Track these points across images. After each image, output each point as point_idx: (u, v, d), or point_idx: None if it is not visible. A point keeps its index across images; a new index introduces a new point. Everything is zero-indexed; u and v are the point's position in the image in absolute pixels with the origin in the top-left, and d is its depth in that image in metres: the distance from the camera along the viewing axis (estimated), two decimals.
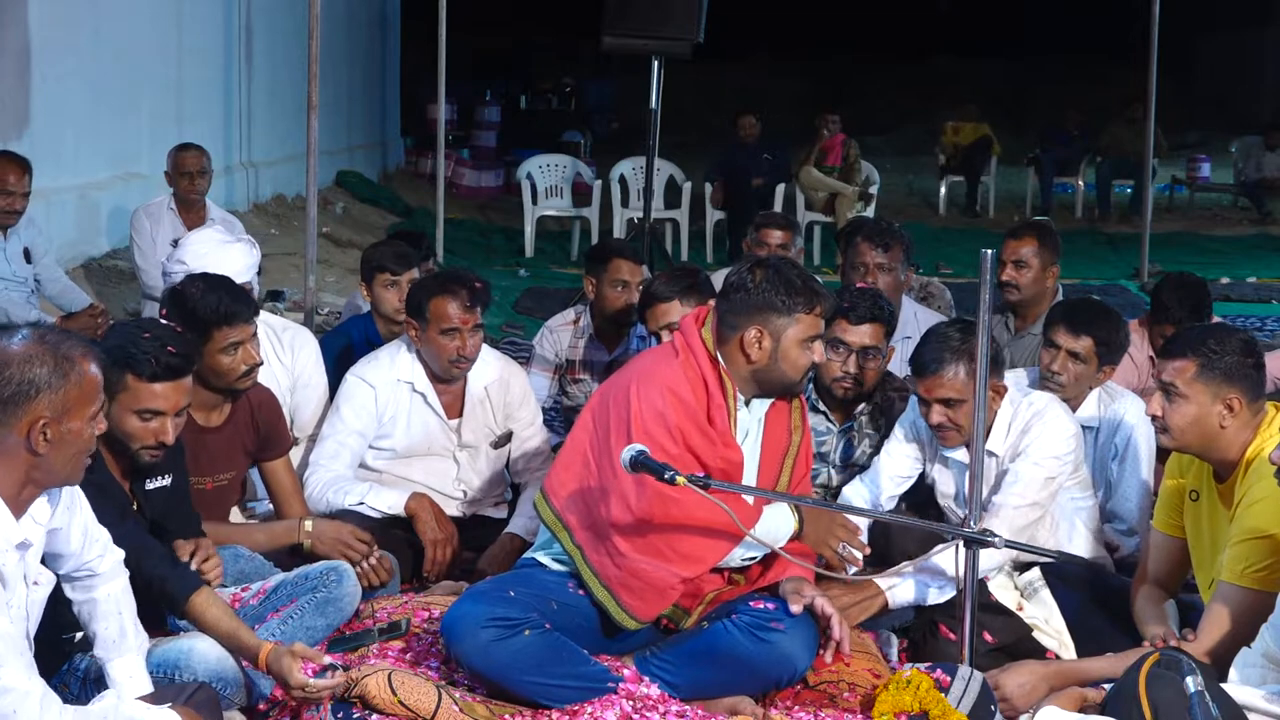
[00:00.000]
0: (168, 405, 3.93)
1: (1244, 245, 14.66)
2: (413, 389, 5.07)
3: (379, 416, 5.06)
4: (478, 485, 5.21)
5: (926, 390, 4.49)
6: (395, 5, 18.38)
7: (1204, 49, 25.58)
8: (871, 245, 5.96)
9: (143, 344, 3.91)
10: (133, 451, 3.96)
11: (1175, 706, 3.32)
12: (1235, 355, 3.86)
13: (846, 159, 13.52)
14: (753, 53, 25.89)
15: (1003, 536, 3.94)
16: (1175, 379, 3.88)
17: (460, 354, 4.97)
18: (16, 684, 3.00)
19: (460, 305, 4.93)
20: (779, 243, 6.85)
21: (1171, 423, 3.90)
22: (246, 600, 4.26)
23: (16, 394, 3.03)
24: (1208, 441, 3.89)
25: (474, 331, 4.99)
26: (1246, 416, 3.85)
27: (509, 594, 3.93)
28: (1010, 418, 4.56)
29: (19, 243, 7.40)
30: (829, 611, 3.93)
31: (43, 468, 3.11)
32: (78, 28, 9.42)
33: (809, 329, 3.98)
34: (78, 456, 3.15)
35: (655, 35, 9.60)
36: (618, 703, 3.80)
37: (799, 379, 4.04)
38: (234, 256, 5.12)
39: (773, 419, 4.12)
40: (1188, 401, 3.86)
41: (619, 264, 6.11)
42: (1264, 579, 3.73)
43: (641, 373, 4.03)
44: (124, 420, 3.90)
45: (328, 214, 13.01)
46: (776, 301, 3.95)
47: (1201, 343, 3.88)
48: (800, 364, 4.00)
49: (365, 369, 5.12)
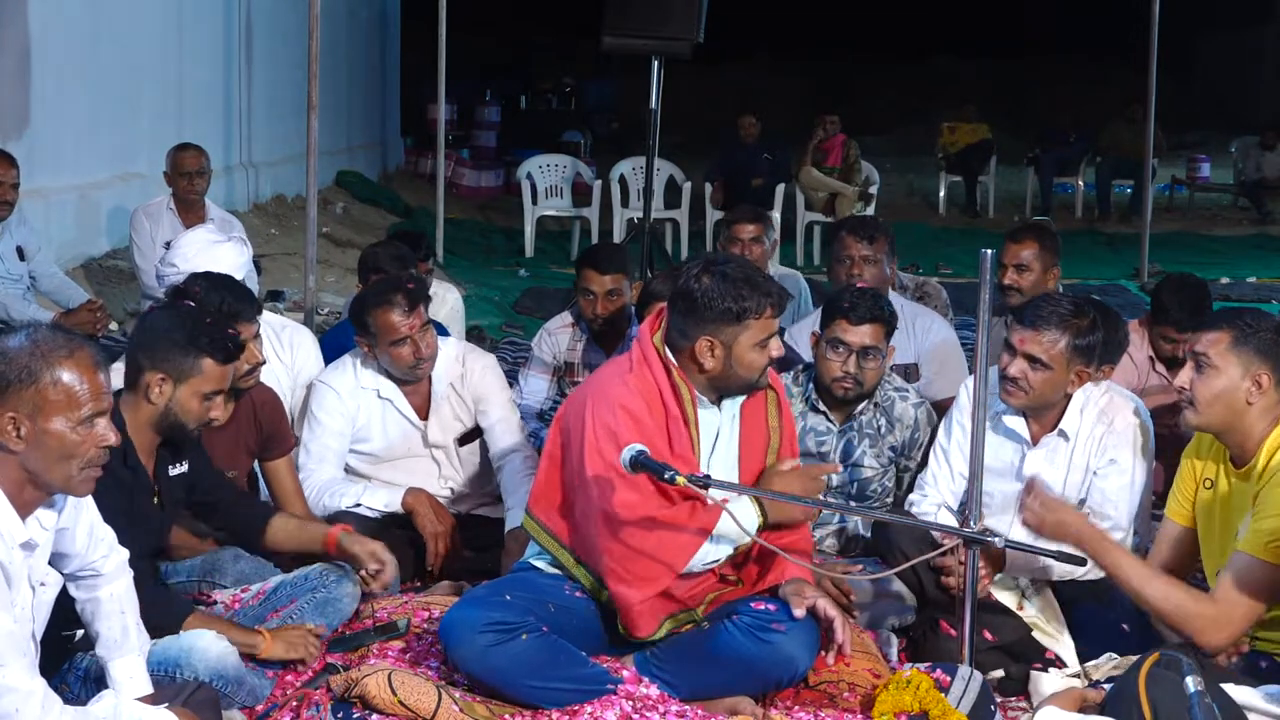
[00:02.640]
0: (226, 383, 4.09)
1: (1244, 245, 14.66)
2: (379, 395, 5.07)
3: (352, 419, 5.06)
4: (462, 482, 5.22)
5: (1020, 341, 4.46)
6: (395, 5, 18.38)
7: (1204, 49, 25.60)
8: (856, 238, 5.99)
9: (211, 330, 4.04)
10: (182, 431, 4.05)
11: (1175, 706, 3.32)
12: (1270, 333, 3.89)
13: (846, 159, 13.52)
14: (753, 53, 25.90)
15: (1006, 538, 3.95)
16: (1209, 349, 3.89)
17: (417, 357, 4.96)
18: (19, 684, 3.00)
19: (401, 312, 4.90)
20: (751, 236, 6.83)
21: (1199, 394, 3.90)
22: (246, 601, 4.27)
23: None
24: (1232, 418, 3.89)
25: (423, 331, 4.96)
26: (1274, 397, 3.86)
27: (505, 598, 3.92)
28: (1084, 400, 4.55)
29: (12, 241, 7.40)
30: (831, 614, 3.92)
31: (29, 468, 3.08)
32: (78, 28, 9.42)
33: (761, 332, 3.93)
34: (66, 461, 3.10)
35: (655, 35, 9.60)
36: (617, 703, 3.79)
37: (758, 377, 3.99)
38: (224, 256, 5.13)
39: (749, 416, 4.10)
40: (1218, 374, 3.86)
41: (587, 273, 6.08)
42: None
43: (597, 389, 4.01)
44: (188, 402, 3.99)
45: (328, 214, 13.01)
46: (724, 310, 3.88)
47: (1237, 316, 3.92)
48: (757, 365, 3.96)
49: (330, 376, 5.12)
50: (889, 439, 5.03)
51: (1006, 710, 4.02)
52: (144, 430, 3.99)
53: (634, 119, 15.41)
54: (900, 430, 5.03)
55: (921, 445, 5.03)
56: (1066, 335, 4.43)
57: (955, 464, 4.69)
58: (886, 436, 5.03)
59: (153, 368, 3.97)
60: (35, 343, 3.08)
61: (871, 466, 5.01)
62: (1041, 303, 4.55)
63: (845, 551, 5.00)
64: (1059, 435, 4.54)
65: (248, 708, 3.77)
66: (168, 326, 4.03)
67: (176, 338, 3.97)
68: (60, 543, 3.33)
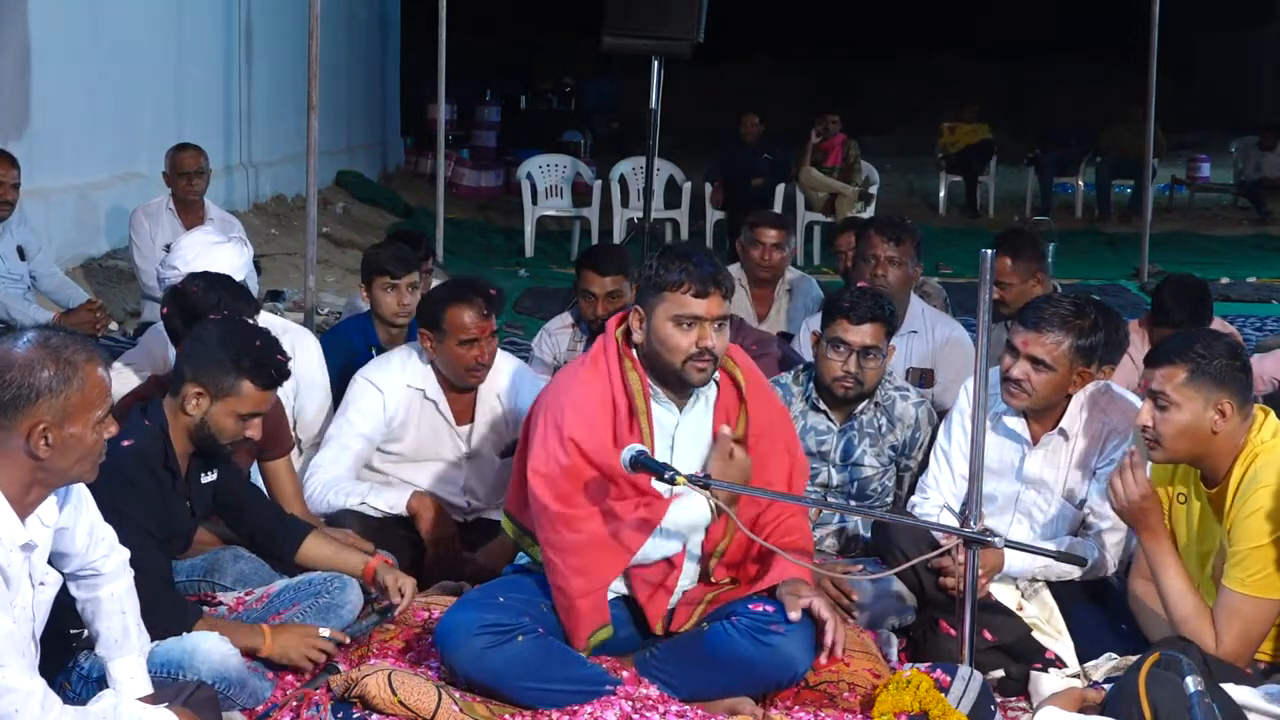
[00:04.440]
0: (265, 407, 4.06)
1: (1244, 245, 14.67)
2: (424, 396, 5.06)
3: (388, 420, 5.05)
4: (483, 492, 5.18)
5: (1023, 343, 4.45)
6: (395, 5, 18.39)
7: (1204, 49, 25.61)
8: (884, 238, 5.97)
9: (257, 353, 4.00)
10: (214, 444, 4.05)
11: (1175, 706, 3.32)
12: (1224, 359, 3.83)
13: (846, 159, 13.53)
14: (753, 53, 25.91)
15: (1006, 538, 3.95)
16: (1165, 386, 3.84)
17: (478, 362, 4.96)
18: (19, 684, 3.00)
19: (477, 314, 4.91)
20: (773, 241, 6.86)
21: (1163, 432, 3.85)
22: (250, 604, 4.27)
23: (17, 398, 3.02)
24: (1200, 449, 3.86)
25: (490, 339, 4.98)
26: (1237, 421, 3.83)
27: (499, 600, 3.92)
28: (1084, 398, 4.55)
29: (12, 240, 7.40)
30: (824, 616, 3.91)
31: (47, 470, 3.11)
32: (78, 28, 9.43)
33: (674, 306, 3.91)
34: (85, 459, 3.15)
35: (655, 35, 9.59)
36: (617, 703, 3.79)
37: (678, 364, 3.93)
38: (224, 257, 5.13)
39: (720, 417, 4.08)
40: (1180, 409, 3.82)
41: (587, 274, 6.06)
42: (1265, 585, 3.74)
43: (555, 385, 4.08)
44: (222, 420, 3.99)
45: (328, 214, 13.02)
46: (647, 279, 3.96)
47: (1188, 348, 3.85)
48: (670, 343, 3.92)
49: (375, 372, 5.11)
50: (889, 438, 5.03)
51: (1006, 710, 4.02)
52: (180, 437, 4.01)
53: (634, 119, 15.41)
54: (901, 430, 5.03)
55: (922, 445, 5.03)
56: (1069, 336, 4.42)
57: (956, 465, 4.69)
58: (887, 436, 5.02)
59: (193, 379, 3.98)
60: (51, 350, 3.07)
61: (872, 466, 5.01)
62: (1043, 304, 4.55)
63: (845, 551, 5.00)
64: (1059, 434, 4.54)
65: (248, 709, 3.77)
66: (217, 341, 4.02)
67: (221, 355, 3.96)
68: (60, 542, 3.33)
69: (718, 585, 4.09)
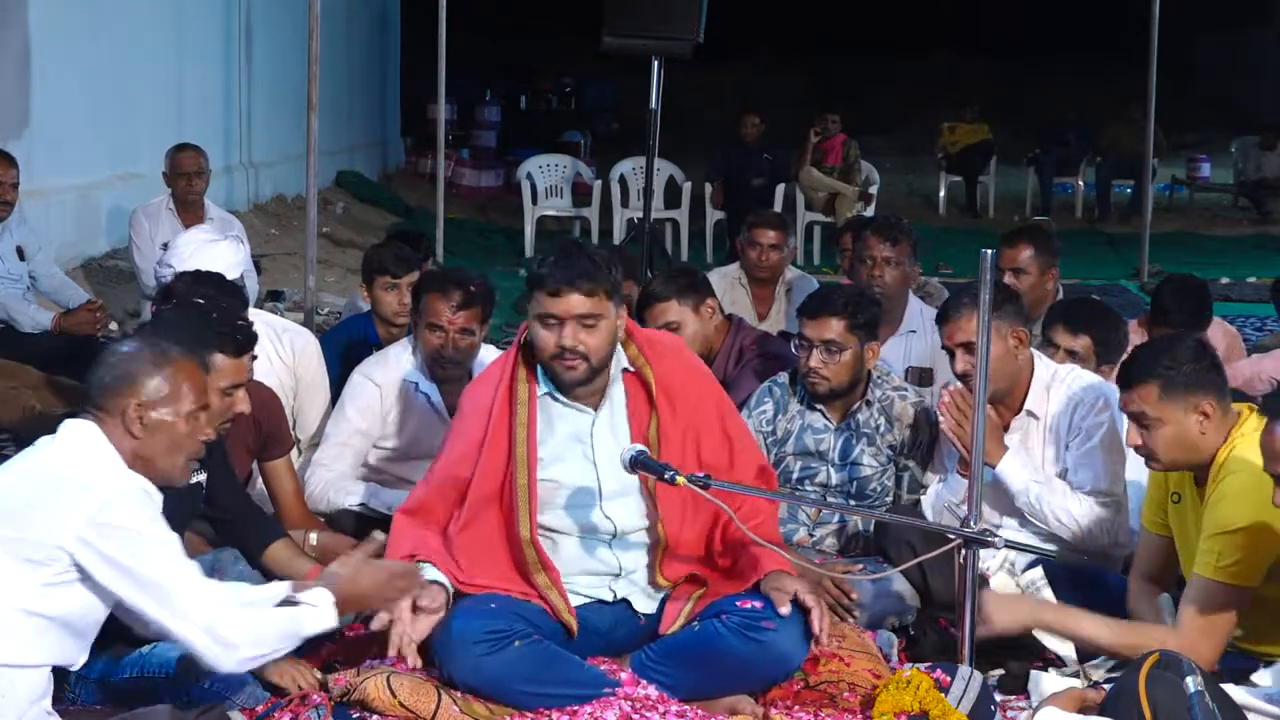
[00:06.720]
0: (246, 376, 4.11)
1: (1244, 245, 14.67)
2: (416, 388, 5.08)
3: (383, 416, 5.06)
4: None
5: (949, 337, 4.64)
6: (395, 5, 18.38)
7: (1204, 49, 25.60)
8: (880, 239, 6.00)
9: (217, 324, 4.05)
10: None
11: (1175, 706, 3.32)
12: (1190, 364, 3.86)
13: (846, 159, 13.53)
14: (753, 53, 25.88)
15: (1005, 538, 3.95)
16: (1143, 406, 3.87)
17: (441, 352, 4.97)
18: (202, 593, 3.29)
19: (449, 304, 4.93)
20: (771, 242, 6.86)
21: (1156, 448, 3.90)
22: None
23: (118, 378, 3.34)
24: (1194, 452, 3.89)
25: (462, 334, 4.97)
26: (1219, 417, 3.86)
27: (491, 606, 3.89)
28: (1048, 379, 4.64)
29: (12, 240, 7.39)
30: (809, 605, 3.86)
31: (144, 457, 3.33)
32: (78, 28, 9.43)
33: (537, 306, 3.88)
34: (175, 451, 3.37)
35: (655, 35, 9.60)
36: (617, 704, 3.79)
37: (548, 362, 3.93)
38: (218, 255, 5.13)
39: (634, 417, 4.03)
40: (1163, 424, 3.86)
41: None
42: (1236, 573, 3.75)
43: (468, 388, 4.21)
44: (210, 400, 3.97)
45: (328, 214, 13.02)
46: (527, 279, 4.00)
47: (1155, 363, 3.87)
48: (538, 343, 3.91)
49: (372, 368, 5.13)
50: (888, 438, 5.02)
51: (1006, 710, 4.01)
52: None
53: (634, 119, 15.41)
54: (899, 429, 5.03)
55: (921, 444, 5.02)
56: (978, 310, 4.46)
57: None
58: (885, 435, 5.02)
59: None
60: (151, 344, 3.43)
61: (870, 465, 5.00)
62: (949, 299, 4.78)
63: (845, 551, 4.99)
64: (1028, 415, 4.67)
65: (248, 709, 3.77)
66: (174, 326, 4.00)
67: (183, 338, 3.91)
68: None
69: (700, 583, 4.04)
